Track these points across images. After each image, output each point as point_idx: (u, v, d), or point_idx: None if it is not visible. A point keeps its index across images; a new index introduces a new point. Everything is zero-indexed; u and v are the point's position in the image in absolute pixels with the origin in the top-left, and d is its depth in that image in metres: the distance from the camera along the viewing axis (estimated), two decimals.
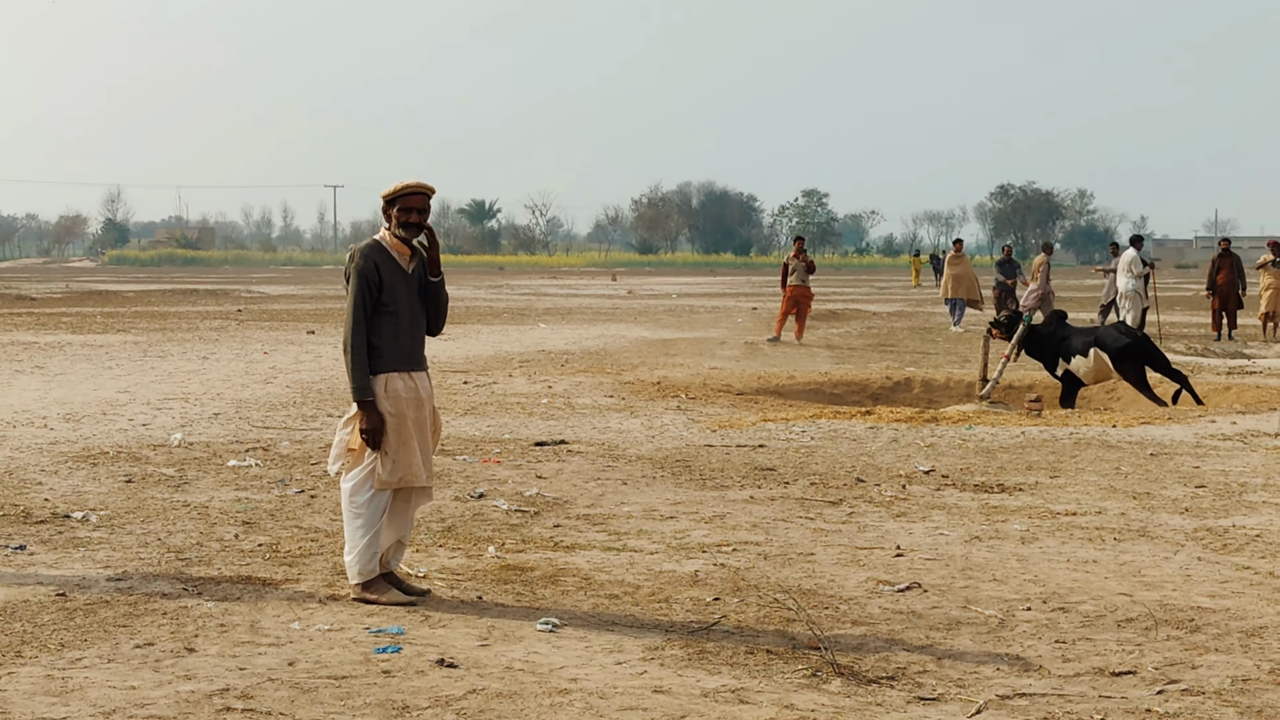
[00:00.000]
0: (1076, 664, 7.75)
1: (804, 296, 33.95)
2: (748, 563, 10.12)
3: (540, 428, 17.07)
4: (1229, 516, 12.03)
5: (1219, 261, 35.87)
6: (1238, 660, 7.84)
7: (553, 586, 9.35)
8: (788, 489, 13.14)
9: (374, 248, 9.02)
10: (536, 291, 68.25)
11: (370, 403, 8.86)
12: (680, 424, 17.58)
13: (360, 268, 8.92)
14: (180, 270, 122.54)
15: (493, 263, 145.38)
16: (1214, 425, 17.53)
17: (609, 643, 8.04)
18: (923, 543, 10.88)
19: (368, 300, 8.92)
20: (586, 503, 12.38)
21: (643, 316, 44.05)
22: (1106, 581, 9.69)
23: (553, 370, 24.71)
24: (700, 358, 28.05)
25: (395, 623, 8.35)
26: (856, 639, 8.20)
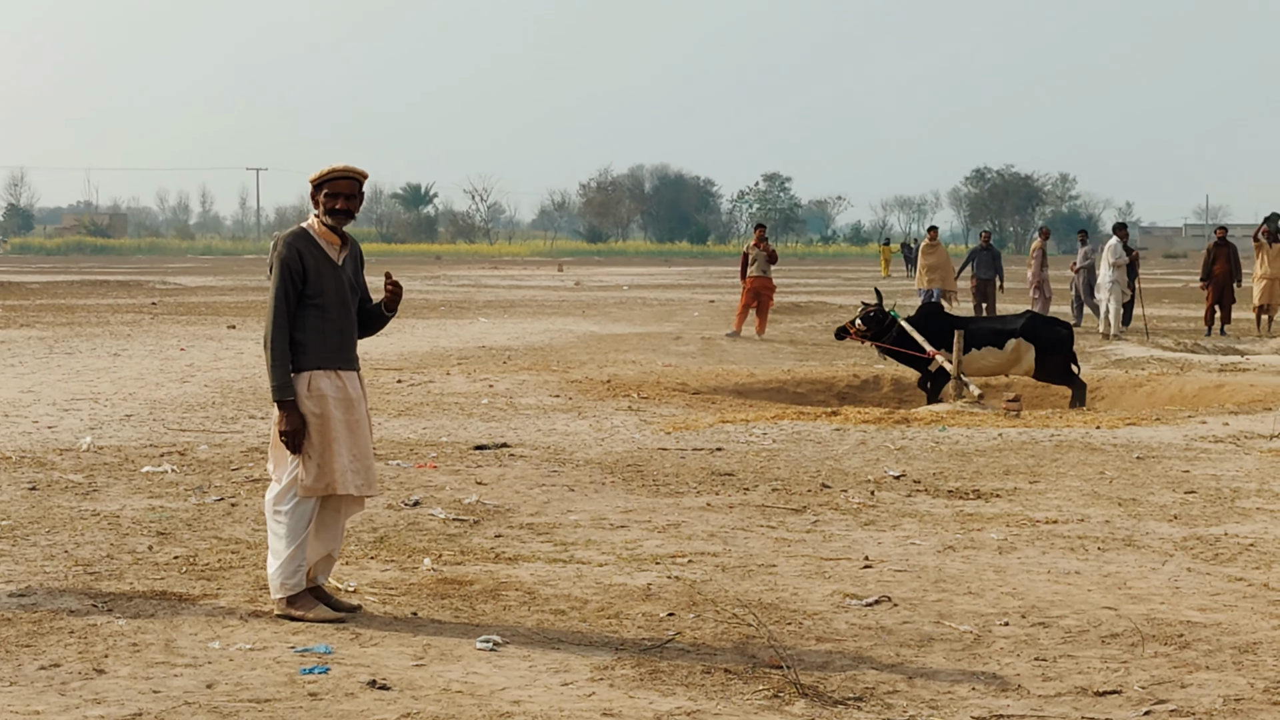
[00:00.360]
0: (1058, 683, 7.77)
1: (765, 288, 34.00)
2: (704, 575, 10.12)
3: (480, 430, 17.05)
4: (1221, 524, 12.09)
5: (1215, 251, 36.03)
6: (1230, 678, 7.88)
7: (494, 601, 9.34)
8: (748, 495, 13.15)
9: (299, 235, 8.98)
10: (477, 283, 68.20)
11: (291, 403, 8.82)
12: (632, 426, 17.58)
13: (283, 257, 8.88)
14: (90, 260, 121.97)
15: (429, 252, 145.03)
16: (1205, 426, 17.62)
17: (554, 662, 8.03)
18: (893, 553, 10.90)
19: (291, 292, 8.88)
20: (530, 511, 12.37)
21: (591, 310, 44.05)
22: (1090, 594, 9.72)
23: (494, 368, 24.69)
24: (653, 354, 28.07)
25: (322, 641, 8.32)
26: (822, 657, 8.21)
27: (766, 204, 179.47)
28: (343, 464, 8.94)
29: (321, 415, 8.88)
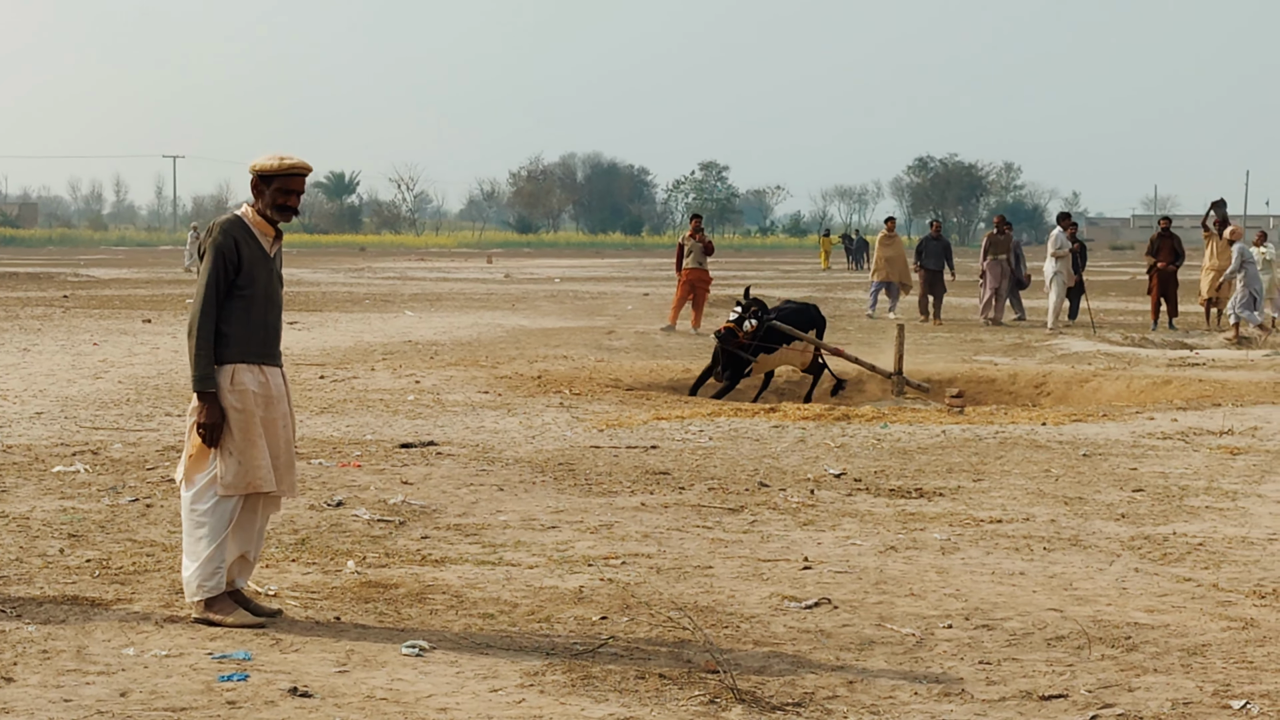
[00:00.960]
0: (1002, 687, 7.81)
1: (701, 281, 34.03)
2: (638, 577, 10.12)
3: (406, 427, 17.02)
4: (1169, 523, 12.17)
5: (1159, 242, 36.17)
6: (1178, 681, 7.93)
7: (420, 605, 9.32)
8: (683, 495, 13.16)
9: (236, 224, 8.94)
10: (402, 275, 68.04)
11: (212, 395, 8.78)
12: (563, 423, 17.58)
13: (219, 244, 8.83)
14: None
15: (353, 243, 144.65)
16: (1153, 423, 17.74)
17: (483, 667, 8.02)
18: (832, 554, 10.93)
19: (222, 281, 8.85)
20: (458, 511, 12.35)
21: (521, 303, 44.02)
22: (1035, 595, 9.77)
23: (420, 363, 24.64)
24: (585, 349, 28.07)
25: (241, 647, 8.29)
26: (759, 661, 8.23)
27: (703, 194, 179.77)
28: (265, 462, 8.91)
29: (244, 411, 8.84)
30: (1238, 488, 13.73)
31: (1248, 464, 14.95)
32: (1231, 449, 15.79)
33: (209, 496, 8.84)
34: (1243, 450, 15.73)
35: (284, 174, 8.96)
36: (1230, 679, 7.98)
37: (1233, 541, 11.51)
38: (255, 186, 9.02)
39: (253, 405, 8.87)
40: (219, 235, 8.86)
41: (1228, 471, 14.54)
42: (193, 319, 8.85)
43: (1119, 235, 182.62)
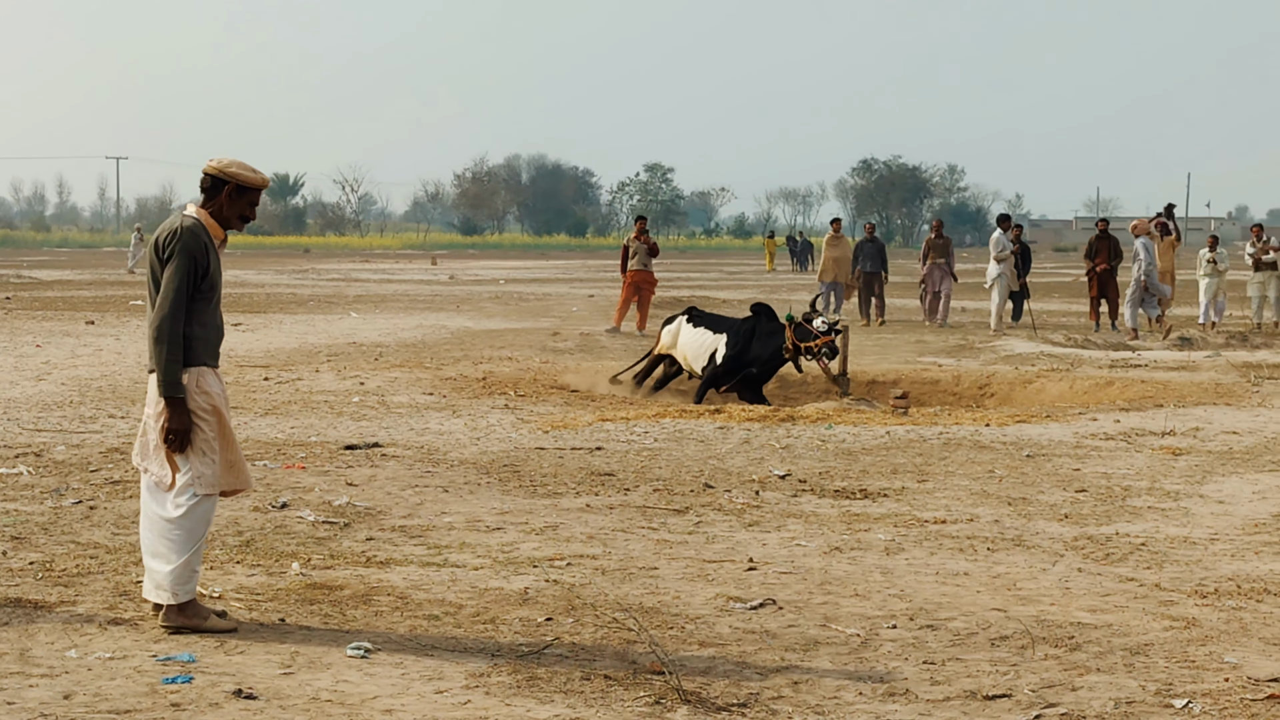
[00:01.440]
0: (946, 687, 7.83)
1: (646, 282, 34.04)
2: (583, 578, 10.12)
3: (351, 429, 16.98)
4: (1111, 523, 12.22)
5: (1097, 244, 36.26)
6: (1121, 681, 7.96)
7: (365, 607, 9.30)
8: (628, 496, 13.17)
9: (201, 227, 8.86)
10: (347, 276, 67.87)
11: (181, 400, 8.73)
12: (508, 424, 17.56)
13: (191, 247, 8.75)
14: None
15: (298, 244, 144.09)
16: (1095, 424, 17.81)
17: (428, 669, 8.00)
18: (777, 554, 10.95)
19: (192, 285, 8.79)
20: (403, 513, 12.33)
21: (466, 305, 43.96)
22: (979, 596, 9.80)
23: (365, 365, 24.59)
24: (530, 350, 28.05)
25: (185, 649, 8.26)
26: (704, 662, 8.23)
27: (648, 195, 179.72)
28: (243, 460, 8.96)
29: (215, 411, 8.80)
30: (1180, 488, 13.80)
31: (1189, 464, 15.03)
32: (1173, 450, 15.87)
33: (188, 498, 8.75)
34: (1184, 451, 15.82)
35: (256, 186, 8.94)
36: (1172, 678, 8.03)
37: (1175, 541, 11.57)
38: (226, 192, 8.91)
39: (221, 405, 8.84)
40: (189, 239, 8.76)
41: (1170, 472, 14.61)
42: (161, 323, 8.71)
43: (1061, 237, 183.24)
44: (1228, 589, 10.08)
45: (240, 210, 8.94)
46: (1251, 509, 12.90)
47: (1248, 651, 8.59)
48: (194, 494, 8.74)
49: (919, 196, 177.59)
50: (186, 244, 8.74)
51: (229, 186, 8.90)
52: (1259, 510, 12.84)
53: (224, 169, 8.91)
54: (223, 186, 8.91)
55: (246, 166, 8.95)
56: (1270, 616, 9.38)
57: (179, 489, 8.76)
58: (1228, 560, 10.97)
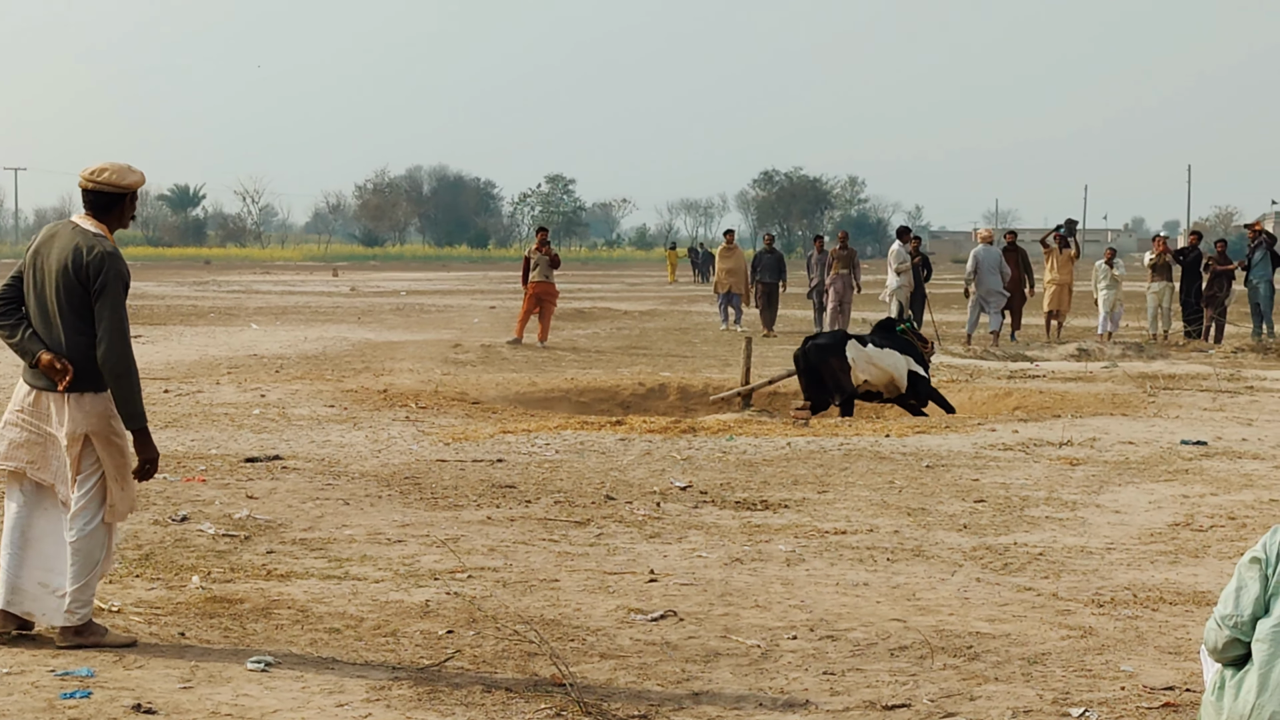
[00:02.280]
0: (846, 697, 7.87)
1: (548, 294, 33.99)
2: (484, 591, 10.11)
3: (251, 442, 16.89)
4: (1010, 533, 12.31)
5: (1005, 256, 36.57)
6: (1019, 690, 8.02)
7: (265, 620, 9.26)
8: (529, 508, 13.16)
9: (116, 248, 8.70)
10: (247, 288, 67.47)
11: (148, 431, 8.65)
12: (409, 436, 17.52)
13: (123, 273, 8.51)
14: None
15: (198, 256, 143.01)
16: (994, 434, 17.93)
17: (328, 683, 7.98)
18: (678, 566, 10.96)
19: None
20: (303, 525, 12.28)
21: (367, 316, 43.80)
22: (878, 606, 9.85)
23: (266, 377, 24.47)
24: (432, 362, 27.98)
25: (84, 664, 8.19)
26: (605, 674, 8.24)
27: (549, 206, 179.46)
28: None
29: (123, 437, 8.69)
30: (1077, 498, 13.91)
31: (1086, 474, 15.15)
32: (1071, 460, 16.00)
33: (93, 521, 8.60)
34: (1082, 461, 15.94)
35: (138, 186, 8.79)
36: (1069, 687, 8.09)
37: (1072, 551, 11.66)
38: (120, 201, 8.73)
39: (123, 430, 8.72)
40: (120, 265, 8.50)
41: (1067, 482, 14.72)
42: (122, 353, 8.44)
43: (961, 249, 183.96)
44: (1124, 598, 10.18)
45: (130, 212, 8.79)
46: (1147, 519, 13.02)
47: (1144, 660, 8.67)
48: (100, 520, 8.61)
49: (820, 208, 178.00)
50: (120, 271, 8.51)
51: (129, 196, 8.76)
52: (1155, 520, 12.96)
53: (122, 181, 8.69)
54: (123, 198, 8.76)
55: (130, 169, 8.74)
56: (1166, 625, 9.47)
57: (87, 512, 8.59)
58: (1124, 570, 11.07)
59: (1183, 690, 8.04)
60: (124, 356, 8.50)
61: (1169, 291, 36.51)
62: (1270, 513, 13.23)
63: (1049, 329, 36.91)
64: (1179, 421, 19.28)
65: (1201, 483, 14.74)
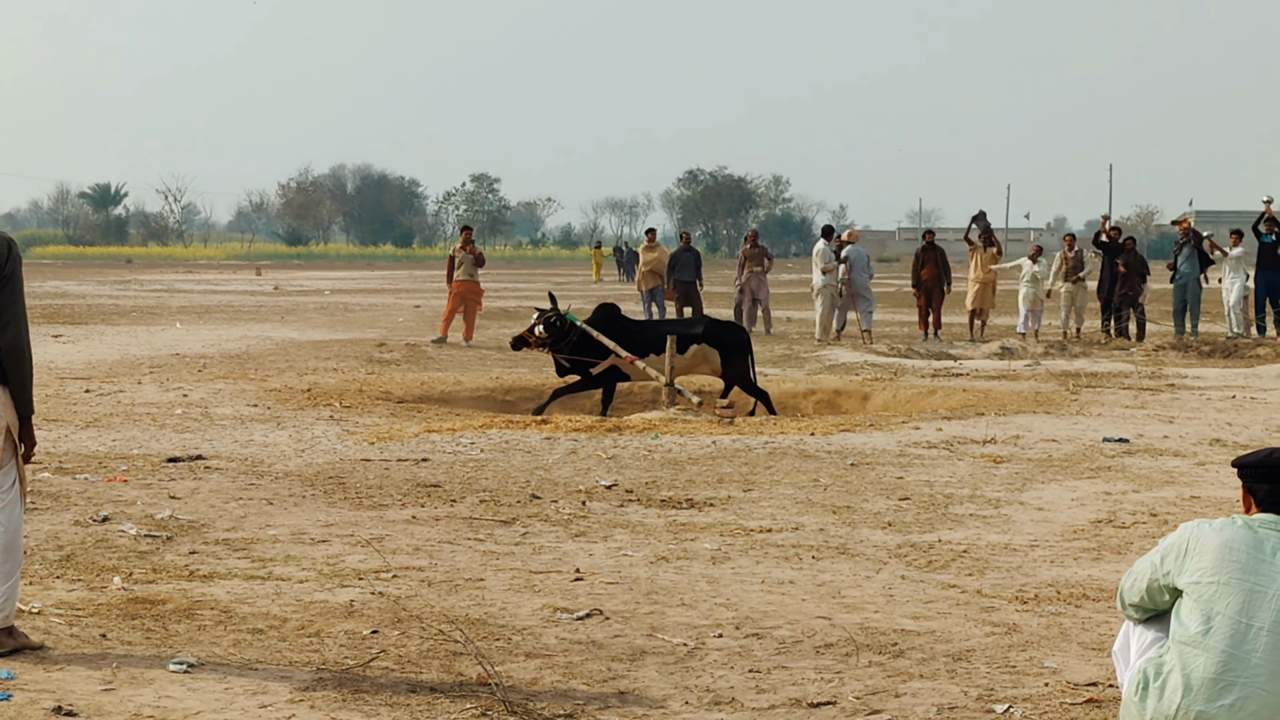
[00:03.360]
0: (771, 695, 7.87)
1: (472, 293, 33.95)
2: (409, 590, 10.08)
3: (174, 441, 16.79)
4: (934, 531, 12.35)
5: (923, 255, 36.78)
6: (944, 687, 8.04)
7: (188, 621, 9.20)
8: (454, 507, 13.12)
9: None
10: (170, 287, 67.13)
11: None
12: (333, 436, 17.45)
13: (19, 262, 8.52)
14: None
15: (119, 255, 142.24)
16: (918, 432, 17.98)
17: (252, 684, 7.93)
18: (604, 565, 10.95)
19: None
20: (226, 526, 12.21)
21: (291, 315, 43.64)
22: (803, 604, 9.86)
23: (188, 376, 24.33)
24: (356, 361, 27.90)
25: (4, 667, 8.12)
26: (531, 673, 8.22)
27: (474, 205, 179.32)
28: None
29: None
30: (1000, 495, 13.97)
31: (1010, 472, 15.22)
32: (994, 458, 16.06)
33: (16, 517, 8.49)
34: (1005, 459, 16.01)
35: None
36: (994, 683, 8.12)
37: (996, 548, 11.70)
38: None
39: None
40: (18, 252, 8.51)
41: (991, 480, 14.78)
42: (27, 337, 8.43)
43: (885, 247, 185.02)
44: (1047, 595, 10.22)
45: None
46: (1070, 515, 13.08)
47: (1067, 656, 8.71)
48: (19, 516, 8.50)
49: (744, 207, 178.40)
50: (19, 258, 8.49)
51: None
52: (1077, 517, 13.03)
53: None
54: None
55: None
56: (1089, 621, 9.52)
57: (14, 508, 8.47)
58: (1047, 566, 11.12)
59: (1106, 686, 8.07)
60: (28, 341, 8.43)
61: (1081, 292, 36.79)
62: (1191, 509, 13.32)
63: (972, 328, 37.10)
64: (1101, 419, 19.38)
65: (1124, 480, 14.82)
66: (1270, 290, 35.41)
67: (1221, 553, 6.16)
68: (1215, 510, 13.25)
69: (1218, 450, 16.72)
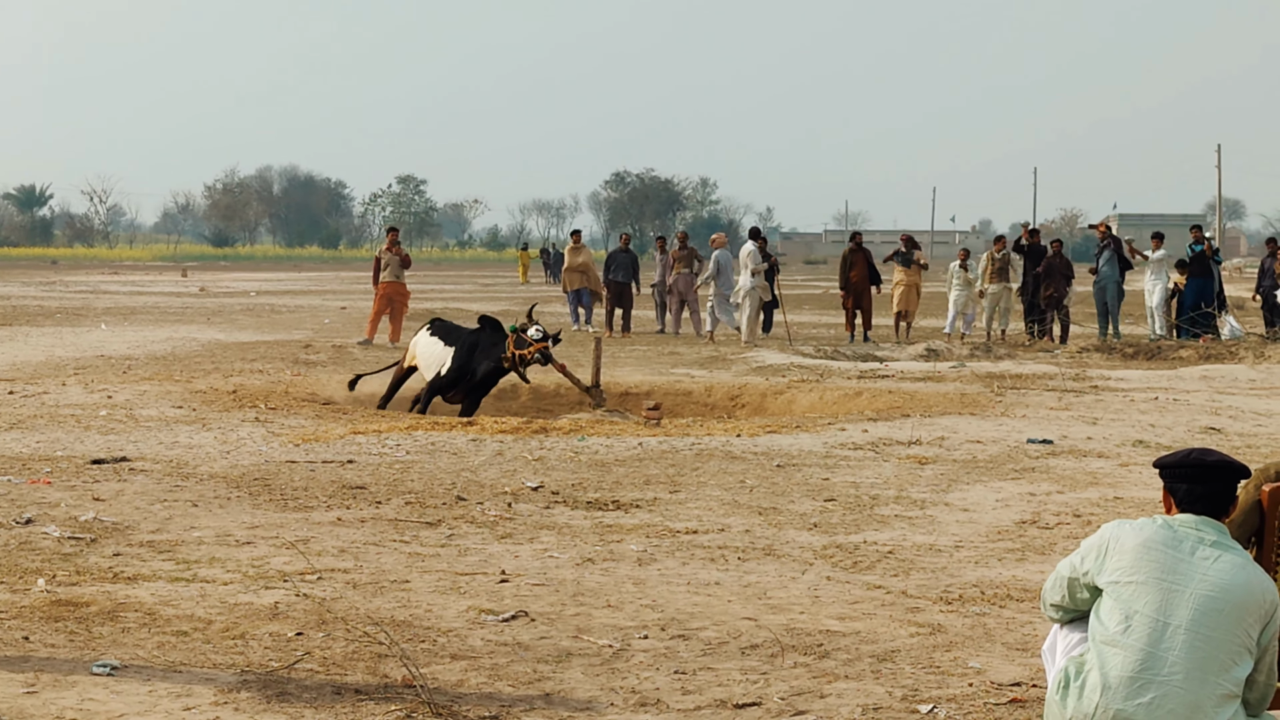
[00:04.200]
0: (697, 696, 7.88)
1: (399, 294, 33.89)
2: (335, 592, 10.04)
3: (99, 443, 16.69)
4: (860, 532, 12.38)
5: (851, 257, 36.92)
6: (869, 687, 8.07)
7: (112, 624, 9.14)
8: (380, 509, 13.09)
9: None
10: (95, 289, 66.72)
11: None
12: (259, 437, 17.37)
13: None
14: None
15: (45, 256, 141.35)
16: (844, 434, 18.02)
17: (176, 686, 7.89)
18: (530, 566, 10.94)
19: None
20: (151, 528, 12.14)
21: (217, 317, 43.44)
22: (730, 605, 9.87)
23: (113, 378, 24.18)
24: (282, 363, 27.79)
25: None
26: (456, 675, 8.20)
27: (400, 207, 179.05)
28: None
29: None
30: (926, 496, 14.02)
31: (935, 473, 15.27)
32: (920, 459, 16.12)
33: None
34: (930, 460, 16.07)
35: None
36: (919, 684, 8.15)
37: (921, 549, 11.75)
38: None
39: None
40: None
41: (916, 481, 14.83)
42: None
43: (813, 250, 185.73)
44: (972, 595, 10.26)
45: None
46: (995, 516, 13.14)
47: (991, 656, 8.75)
48: None
49: (672, 209, 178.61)
50: None
51: None
52: (1002, 518, 13.09)
53: None
54: None
55: None
56: (1013, 622, 9.56)
57: None
58: (972, 567, 11.17)
59: (1030, 686, 8.11)
60: None
61: (1006, 293, 37.03)
62: (1114, 510, 13.40)
63: (898, 329, 37.25)
64: (1026, 420, 19.48)
65: (1048, 481, 14.90)
66: (1199, 297, 35.70)
67: (1140, 552, 6.20)
68: (1138, 510, 13.33)
69: (1140, 451, 16.83)
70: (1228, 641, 6.09)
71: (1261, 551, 6.57)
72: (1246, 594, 6.10)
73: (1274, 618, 6.18)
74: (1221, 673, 6.07)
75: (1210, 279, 35.89)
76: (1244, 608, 6.09)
